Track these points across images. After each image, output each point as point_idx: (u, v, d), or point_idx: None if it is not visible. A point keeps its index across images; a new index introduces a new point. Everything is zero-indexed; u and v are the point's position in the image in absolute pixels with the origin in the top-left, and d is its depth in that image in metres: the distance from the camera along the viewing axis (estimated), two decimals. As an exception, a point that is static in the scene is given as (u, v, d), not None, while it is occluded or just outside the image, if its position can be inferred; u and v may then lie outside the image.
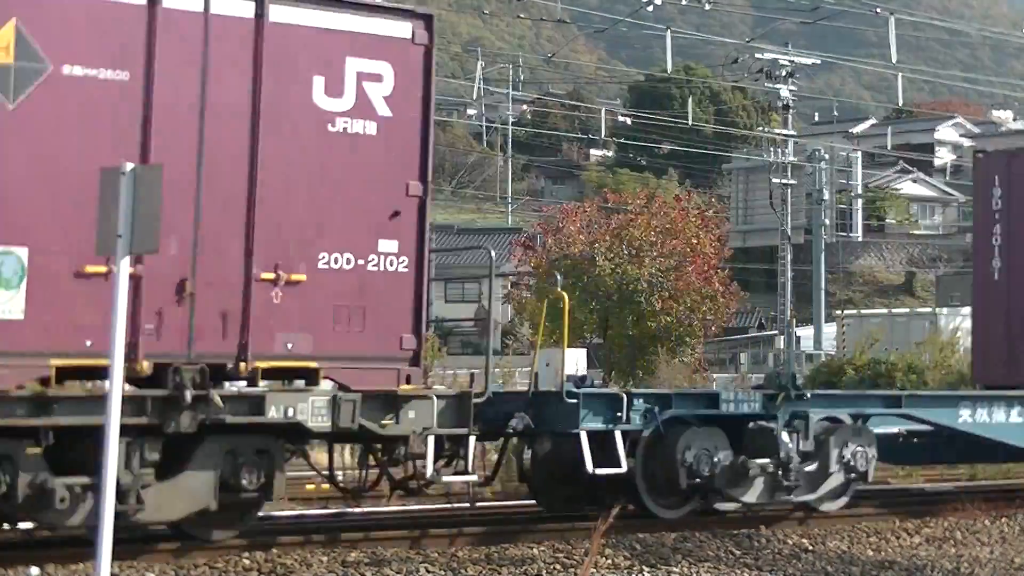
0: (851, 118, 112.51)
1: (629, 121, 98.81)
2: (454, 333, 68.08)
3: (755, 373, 54.01)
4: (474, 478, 14.23)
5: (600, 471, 14.55)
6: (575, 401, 14.72)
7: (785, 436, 15.76)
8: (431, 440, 13.50)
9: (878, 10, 38.67)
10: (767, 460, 15.58)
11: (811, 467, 16.07)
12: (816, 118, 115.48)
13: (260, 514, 13.69)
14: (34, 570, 11.74)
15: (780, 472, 15.63)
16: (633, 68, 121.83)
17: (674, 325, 38.43)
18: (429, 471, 13.59)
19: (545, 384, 15.61)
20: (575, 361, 34.19)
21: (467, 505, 15.86)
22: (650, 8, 33.44)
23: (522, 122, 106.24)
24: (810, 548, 14.91)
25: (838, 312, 52.31)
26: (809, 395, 16.23)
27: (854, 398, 17.95)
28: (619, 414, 14.94)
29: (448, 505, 16.64)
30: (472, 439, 13.86)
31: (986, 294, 20.22)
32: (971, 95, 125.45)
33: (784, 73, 50.66)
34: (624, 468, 14.73)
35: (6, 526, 12.45)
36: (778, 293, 52.57)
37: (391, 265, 13.14)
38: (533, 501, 16.51)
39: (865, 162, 64.38)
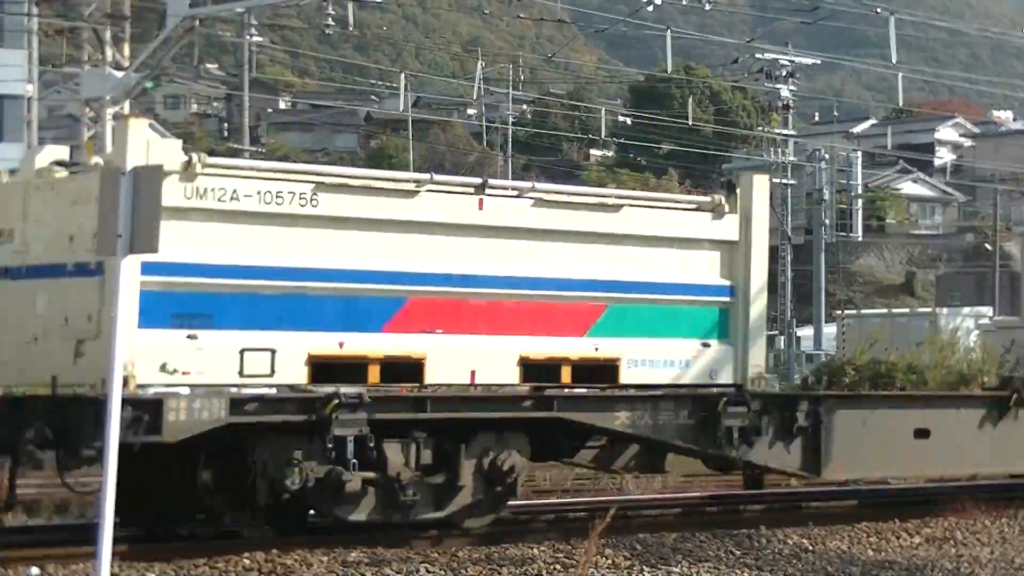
0: (851, 118, 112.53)
1: (629, 121, 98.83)
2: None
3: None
4: None
5: None
6: None
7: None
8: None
9: (878, 10, 38.63)
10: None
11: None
12: (816, 118, 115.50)
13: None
14: (34, 570, 11.74)
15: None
16: (633, 68, 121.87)
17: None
18: None
19: None
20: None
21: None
22: (650, 8, 33.40)
23: (522, 122, 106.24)
24: (810, 548, 14.90)
25: (838, 312, 52.29)
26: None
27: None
28: None
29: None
30: None
31: None
32: (971, 95, 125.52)
33: (784, 73, 50.72)
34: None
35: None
36: (778, 293, 52.60)
37: None
38: (534, 501, 16.51)
39: (865, 162, 64.44)
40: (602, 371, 14.45)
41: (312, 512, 13.84)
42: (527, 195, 14.31)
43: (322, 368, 12.91)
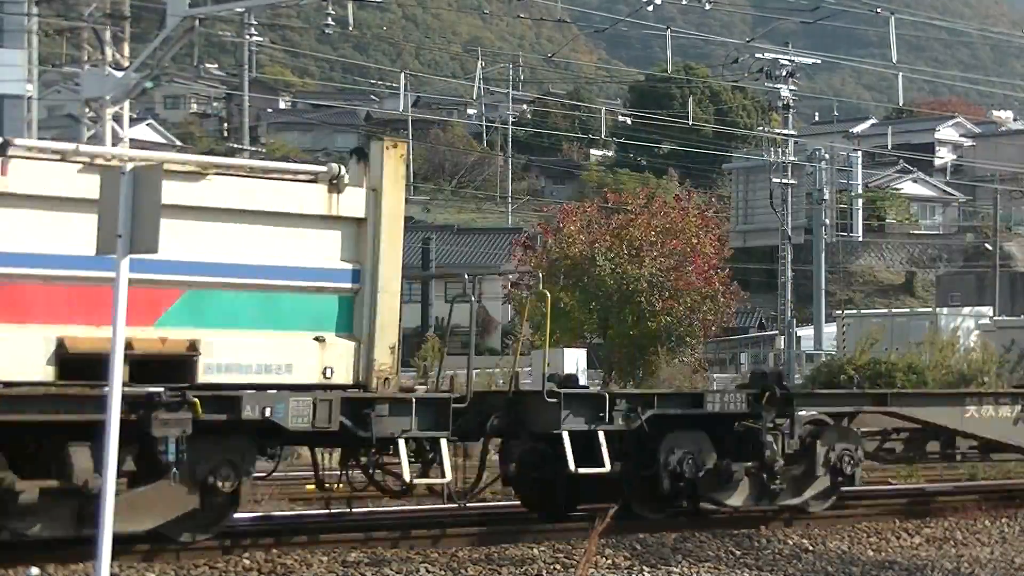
0: (851, 118, 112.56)
1: (629, 121, 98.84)
2: (455, 333, 68.10)
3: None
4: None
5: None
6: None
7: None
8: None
9: (878, 10, 38.66)
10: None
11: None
12: (816, 118, 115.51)
13: (260, 513, 13.68)
14: (34, 570, 11.73)
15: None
16: (633, 68, 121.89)
17: (674, 325, 38.46)
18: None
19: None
20: (575, 361, 34.22)
21: (455, 506, 15.72)
22: (650, 8, 33.36)
23: (522, 122, 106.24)
24: (810, 548, 14.90)
25: (838, 312, 52.29)
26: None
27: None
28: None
29: (449, 505, 16.63)
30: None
31: None
32: (971, 95, 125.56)
33: (784, 73, 50.67)
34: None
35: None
36: (778, 293, 52.56)
37: None
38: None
39: (865, 162, 64.40)
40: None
41: None
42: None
43: None
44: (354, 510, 15.94)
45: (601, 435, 14.39)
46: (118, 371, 9.94)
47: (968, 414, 17.10)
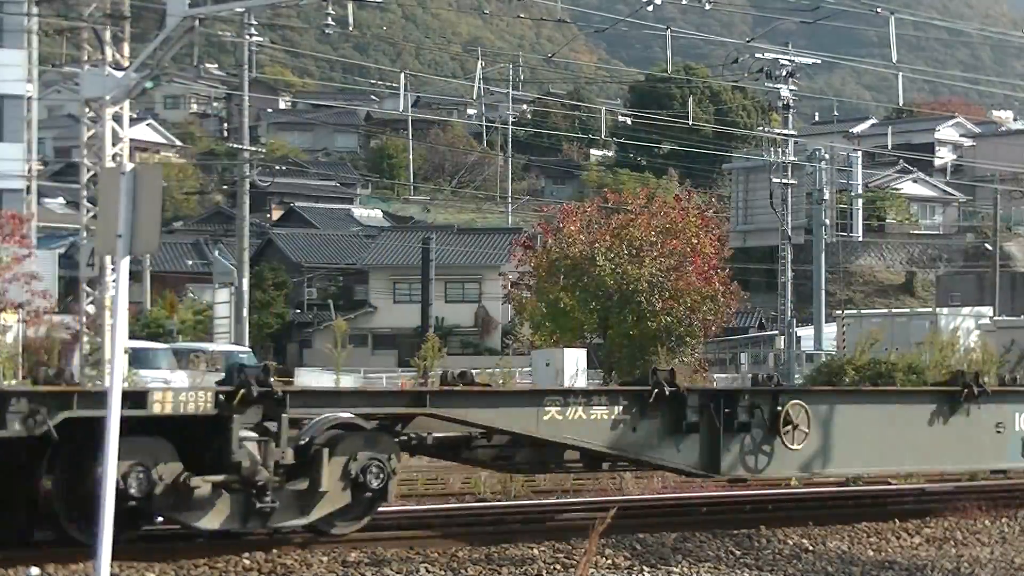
0: (851, 118, 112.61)
1: (629, 121, 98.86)
2: (454, 333, 68.11)
3: (756, 373, 54.03)
4: None
5: None
6: None
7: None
8: None
9: (878, 10, 38.64)
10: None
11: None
12: (816, 118, 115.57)
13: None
14: (34, 570, 11.73)
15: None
16: (633, 68, 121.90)
17: (674, 325, 38.47)
18: None
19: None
20: (575, 361, 34.26)
21: (456, 506, 15.43)
22: (650, 8, 33.32)
23: (522, 122, 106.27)
24: (810, 548, 14.90)
25: (838, 312, 52.32)
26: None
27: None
28: None
29: (448, 505, 16.65)
30: None
31: None
32: (971, 95, 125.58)
33: (784, 73, 50.68)
34: None
35: None
36: (778, 293, 52.57)
37: None
38: (534, 501, 16.52)
39: (865, 162, 64.40)
40: None
41: None
42: None
43: None
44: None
45: None
46: (118, 371, 9.94)
47: (548, 416, 14.21)
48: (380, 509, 15.71)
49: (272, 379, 12.80)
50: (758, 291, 68.94)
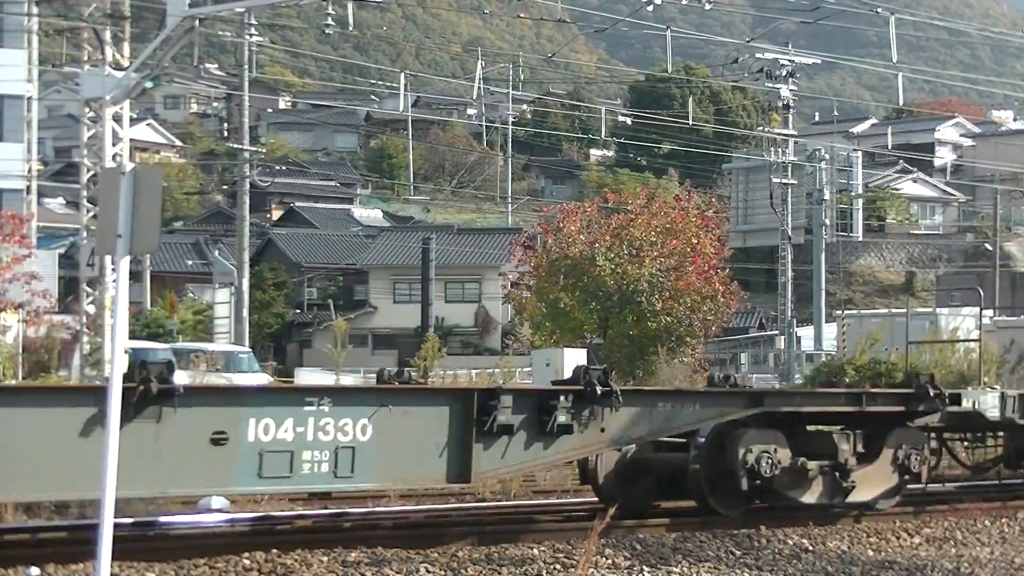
0: (851, 118, 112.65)
1: (629, 121, 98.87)
2: (454, 333, 68.13)
3: (756, 373, 54.07)
4: None
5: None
6: None
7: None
8: None
9: (878, 10, 38.64)
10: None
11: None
12: (816, 118, 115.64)
13: (259, 513, 13.68)
14: (34, 570, 11.74)
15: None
16: (633, 68, 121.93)
17: (674, 325, 38.44)
18: None
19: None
20: (575, 361, 34.27)
21: (455, 505, 15.66)
22: (650, 8, 33.31)
23: (522, 122, 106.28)
24: (810, 548, 14.89)
25: (838, 312, 52.29)
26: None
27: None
28: None
29: (448, 505, 16.65)
30: None
31: None
32: (971, 95, 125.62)
33: (784, 73, 50.69)
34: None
35: None
36: (778, 293, 52.56)
37: None
38: (533, 501, 16.51)
39: (865, 162, 64.41)
40: None
41: None
42: None
43: None
44: (354, 510, 15.96)
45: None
46: (118, 371, 9.94)
47: None
48: (380, 509, 15.76)
49: None
50: (758, 291, 68.97)
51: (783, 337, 50.98)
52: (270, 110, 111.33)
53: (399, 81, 61.62)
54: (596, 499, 16.21)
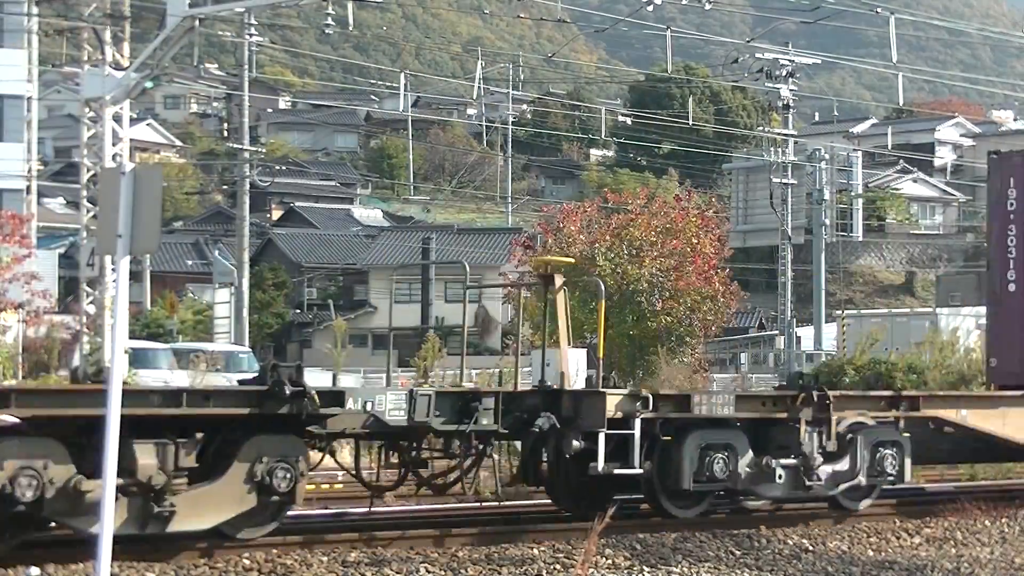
0: (851, 118, 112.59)
1: (629, 121, 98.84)
2: (454, 333, 68.08)
3: (755, 373, 54.05)
4: None
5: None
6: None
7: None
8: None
9: (878, 10, 38.62)
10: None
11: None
12: (816, 118, 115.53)
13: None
14: (34, 570, 11.73)
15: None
16: (633, 68, 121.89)
17: (674, 325, 38.42)
18: None
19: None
20: (575, 361, 34.27)
21: (455, 506, 15.81)
22: (650, 8, 33.29)
23: (522, 122, 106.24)
24: (810, 548, 14.89)
25: (838, 312, 52.29)
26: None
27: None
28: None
29: (448, 505, 16.64)
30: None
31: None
32: (971, 95, 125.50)
33: (784, 73, 50.66)
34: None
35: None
36: (778, 293, 52.54)
37: None
38: (533, 501, 16.49)
39: (865, 162, 64.40)
40: None
41: None
42: None
43: None
44: (354, 510, 15.96)
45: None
46: (118, 371, 9.94)
47: None
48: (380, 509, 15.75)
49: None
50: (758, 291, 68.90)
51: (783, 337, 50.95)
52: (270, 110, 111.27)
53: (399, 81, 61.64)
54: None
